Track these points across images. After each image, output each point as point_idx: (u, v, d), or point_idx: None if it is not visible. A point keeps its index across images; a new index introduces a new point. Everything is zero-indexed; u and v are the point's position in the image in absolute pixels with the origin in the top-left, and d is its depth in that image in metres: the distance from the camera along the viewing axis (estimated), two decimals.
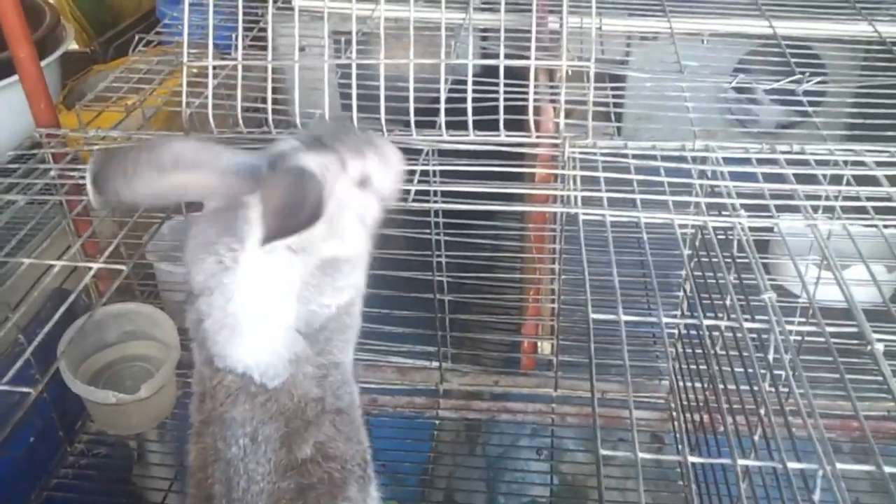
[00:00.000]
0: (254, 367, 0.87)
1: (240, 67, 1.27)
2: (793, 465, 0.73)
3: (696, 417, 1.34)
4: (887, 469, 0.70)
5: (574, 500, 1.56)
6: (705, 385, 1.26)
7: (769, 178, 1.18)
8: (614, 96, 1.52)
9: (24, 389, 0.88)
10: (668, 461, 1.56)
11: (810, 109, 1.39)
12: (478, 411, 1.66)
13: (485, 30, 1.95)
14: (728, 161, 1.22)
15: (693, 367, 1.32)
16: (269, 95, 1.27)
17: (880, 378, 1.44)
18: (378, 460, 1.04)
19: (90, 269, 1.18)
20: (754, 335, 0.93)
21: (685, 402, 1.37)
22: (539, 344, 1.69)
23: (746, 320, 0.92)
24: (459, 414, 1.66)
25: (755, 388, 0.96)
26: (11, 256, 1.12)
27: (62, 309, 1.02)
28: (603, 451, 0.74)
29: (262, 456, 0.87)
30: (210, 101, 1.29)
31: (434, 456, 1.61)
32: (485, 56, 1.69)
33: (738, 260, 1.09)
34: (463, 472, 1.60)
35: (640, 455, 0.73)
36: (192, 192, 0.85)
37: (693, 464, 1.31)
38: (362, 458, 0.93)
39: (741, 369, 1.02)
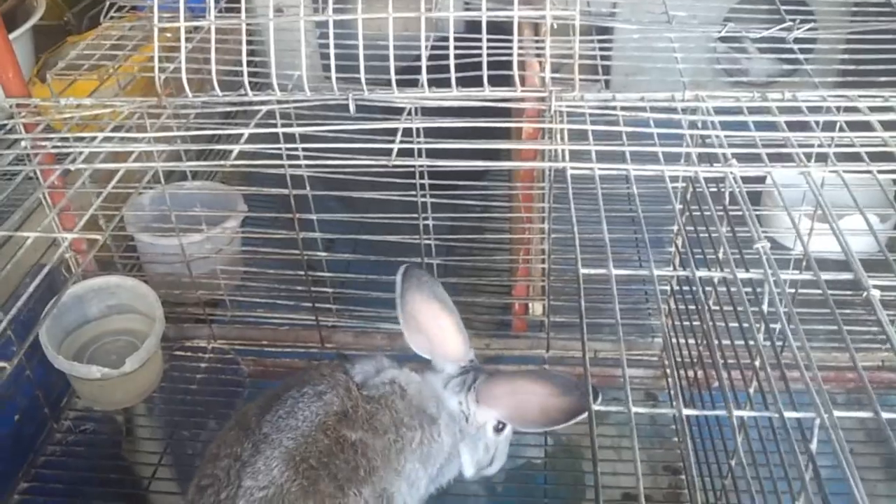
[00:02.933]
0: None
1: (213, 29, 1.22)
2: (789, 414, 0.71)
3: (690, 374, 1.32)
4: (885, 415, 0.69)
5: (569, 459, 1.55)
6: (699, 340, 1.25)
7: (761, 126, 1.15)
8: (602, 49, 1.48)
9: None
10: (662, 418, 1.55)
11: (802, 57, 1.36)
12: None
13: None
14: (719, 111, 1.19)
15: (686, 322, 1.30)
16: (244, 57, 1.22)
17: (874, 329, 1.43)
18: None
19: (66, 240, 1.16)
20: (748, 288, 0.91)
21: (679, 359, 1.35)
22: (530, 305, 1.66)
23: (740, 271, 0.89)
24: None
25: (750, 340, 0.94)
26: None
27: (37, 281, 0.99)
28: (596, 407, 0.72)
29: (314, 406, 1.06)
30: (183, 66, 1.24)
31: None
32: (468, 10, 1.65)
33: (731, 212, 1.06)
34: None
35: (634, 409, 0.71)
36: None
37: (688, 418, 1.30)
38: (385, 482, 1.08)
39: (735, 323, 1.00)
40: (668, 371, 1.54)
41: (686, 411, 0.73)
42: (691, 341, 1.30)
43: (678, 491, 1.47)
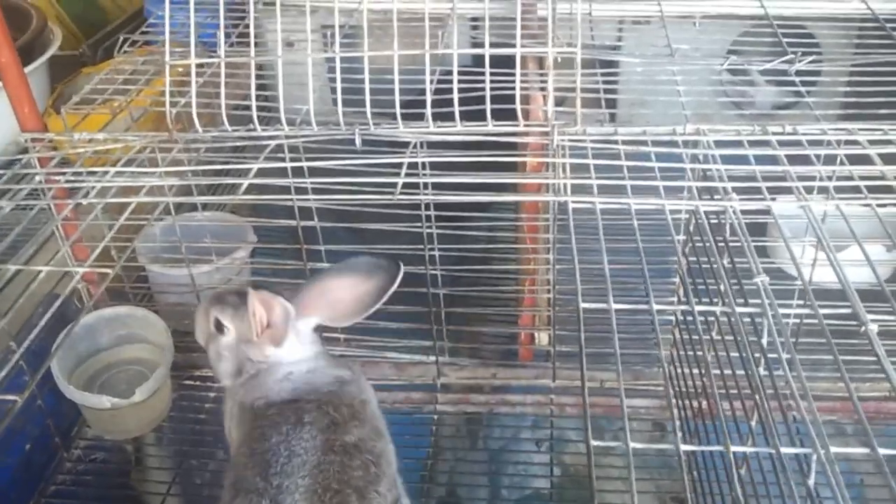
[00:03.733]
0: None
1: (223, 65, 1.25)
2: (786, 449, 0.72)
3: (695, 404, 1.33)
4: (882, 451, 0.69)
5: (576, 490, 1.55)
6: (702, 372, 1.25)
7: (761, 160, 1.16)
8: (607, 82, 1.50)
9: (10, 397, 0.87)
10: (670, 448, 1.54)
11: (804, 90, 1.38)
12: (476, 404, 1.64)
13: (474, 19, 1.93)
14: (720, 144, 1.21)
15: (690, 353, 1.31)
16: (253, 92, 1.26)
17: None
18: None
19: (78, 273, 1.18)
20: (749, 319, 0.92)
21: (683, 390, 1.36)
22: (536, 335, 1.67)
23: (740, 305, 0.90)
24: (458, 408, 1.64)
25: (750, 373, 0.94)
26: (1, 263, 1.11)
27: (49, 313, 1.01)
28: (594, 443, 0.73)
29: (306, 433, 1.04)
30: (194, 101, 1.27)
31: (434, 451, 1.60)
32: (475, 46, 1.68)
33: (732, 244, 1.07)
34: (464, 466, 1.59)
35: (632, 444, 0.71)
36: None
37: (691, 451, 1.30)
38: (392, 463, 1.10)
39: (737, 354, 1.00)
40: (672, 402, 1.53)
41: (684, 447, 0.73)
42: (695, 372, 1.31)
43: None
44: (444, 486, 1.56)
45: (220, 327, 1.18)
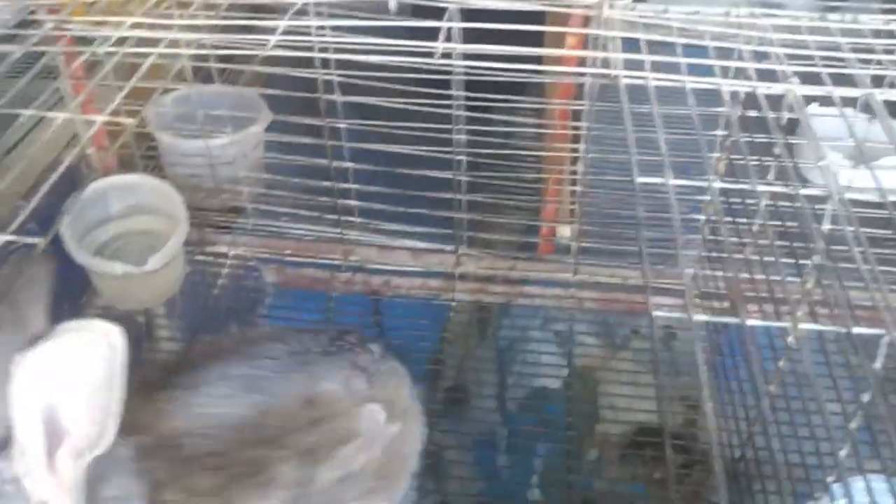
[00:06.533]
0: None
1: None
2: (858, 329, 0.68)
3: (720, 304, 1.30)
4: None
5: (582, 385, 1.54)
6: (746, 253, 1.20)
7: (819, 48, 1.09)
8: None
9: (32, 240, 0.83)
10: (681, 349, 1.53)
11: None
12: (493, 295, 1.61)
13: None
14: (777, 29, 1.14)
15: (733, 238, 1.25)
16: None
17: None
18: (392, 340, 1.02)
19: (88, 133, 1.12)
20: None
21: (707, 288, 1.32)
22: (558, 228, 1.63)
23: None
24: (475, 297, 1.61)
25: (808, 260, 0.90)
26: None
27: (61, 169, 0.95)
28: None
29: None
30: None
31: (447, 338, 1.58)
32: None
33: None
34: (475, 355, 1.57)
35: (696, 317, 0.68)
36: None
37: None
38: None
39: (786, 243, 0.96)
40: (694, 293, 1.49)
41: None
42: (739, 255, 1.25)
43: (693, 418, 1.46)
44: (453, 375, 1.54)
45: None
